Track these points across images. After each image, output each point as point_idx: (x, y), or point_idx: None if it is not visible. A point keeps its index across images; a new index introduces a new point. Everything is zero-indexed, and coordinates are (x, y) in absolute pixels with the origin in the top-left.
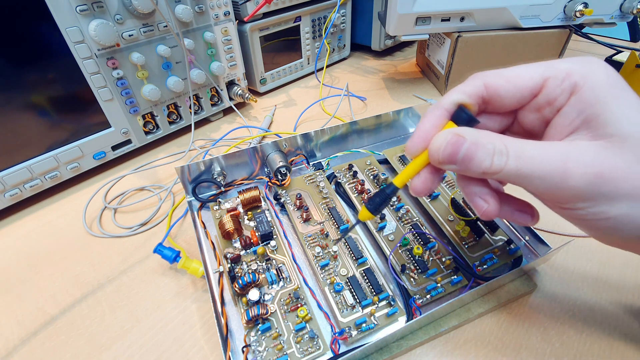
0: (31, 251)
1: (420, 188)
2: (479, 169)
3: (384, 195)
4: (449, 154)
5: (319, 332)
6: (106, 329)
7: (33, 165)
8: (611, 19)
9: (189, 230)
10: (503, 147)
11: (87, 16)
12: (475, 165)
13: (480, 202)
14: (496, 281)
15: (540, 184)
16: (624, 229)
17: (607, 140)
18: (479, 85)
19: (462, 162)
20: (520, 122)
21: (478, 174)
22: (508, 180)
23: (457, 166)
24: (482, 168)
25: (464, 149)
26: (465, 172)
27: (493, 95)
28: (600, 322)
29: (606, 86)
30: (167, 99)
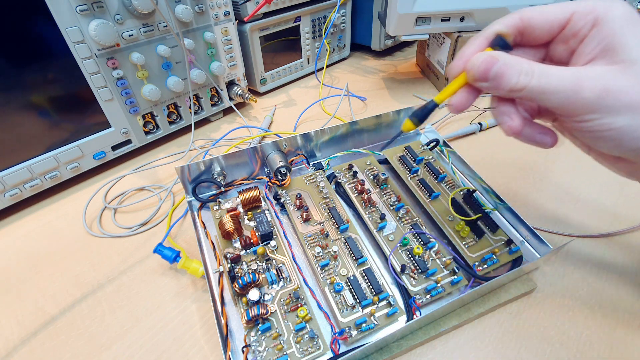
0: (31, 251)
1: (457, 104)
2: (507, 86)
3: (426, 110)
4: (483, 71)
5: (319, 332)
6: (106, 329)
7: (33, 165)
8: None
9: (189, 230)
10: (529, 68)
11: (87, 16)
12: (504, 82)
13: (506, 119)
14: (496, 281)
15: (557, 99)
16: (626, 140)
17: (618, 65)
18: (516, 17)
19: (493, 79)
20: (551, 55)
21: (506, 91)
22: (530, 95)
23: (488, 83)
24: (510, 85)
25: (496, 67)
26: (495, 89)
27: (527, 27)
28: (600, 322)
29: (623, 20)
30: (167, 99)
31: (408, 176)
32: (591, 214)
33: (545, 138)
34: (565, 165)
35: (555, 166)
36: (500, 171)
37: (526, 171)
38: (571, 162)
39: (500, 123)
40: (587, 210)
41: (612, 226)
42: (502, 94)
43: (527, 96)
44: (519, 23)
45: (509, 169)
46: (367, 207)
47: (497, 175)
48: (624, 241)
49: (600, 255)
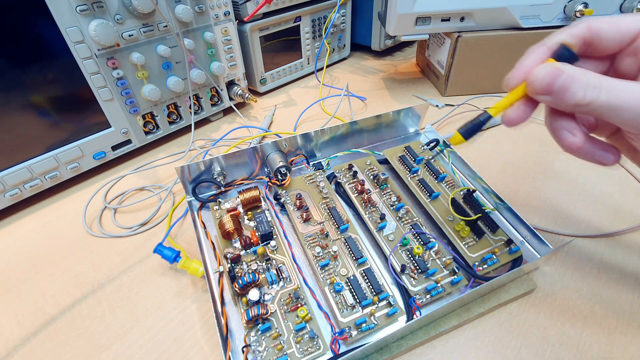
0: (31, 251)
1: (514, 117)
2: (572, 101)
3: (478, 123)
4: (547, 84)
5: (319, 332)
6: (106, 329)
7: (33, 165)
8: None
9: (189, 230)
10: (597, 81)
11: (87, 16)
12: (569, 96)
13: (566, 134)
14: (496, 281)
15: (628, 115)
16: None
17: None
18: (582, 27)
19: (557, 93)
20: (617, 67)
21: (570, 106)
22: (597, 111)
23: (551, 97)
24: (575, 99)
25: (560, 80)
26: (558, 103)
27: (595, 38)
28: (600, 322)
29: None
30: (167, 99)
31: (408, 176)
32: (591, 214)
33: (607, 155)
34: (566, 165)
35: (555, 166)
36: (500, 171)
37: (526, 171)
38: (571, 162)
39: (560, 139)
40: (587, 210)
41: (612, 226)
42: (565, 109)
43: (593, 112)
44: (586, 33)
45: (509, 169)
46: (367, 207)
47: (497, 175)
48: (624, 241)
49: (600, 255)
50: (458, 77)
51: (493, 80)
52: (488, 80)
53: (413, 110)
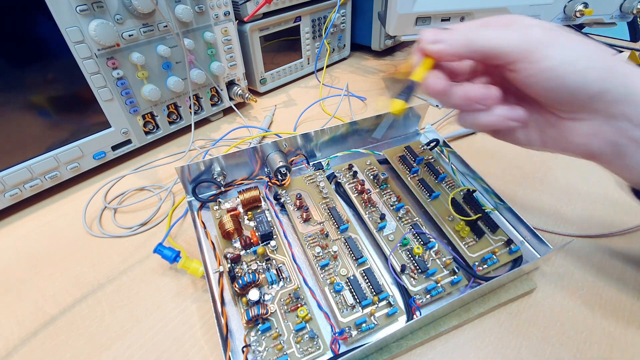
0: (31, 251)
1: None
2: (462, 36)
3: (410, 87)
4: (434, 34)
5: (319, 332)
6: (106, 329)
7: (33, 165)
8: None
9: (189, 230)
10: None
11: (87, 16)
12: (457, 34)
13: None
14: (496, 281)
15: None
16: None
17: None
18: None
19: (446, 37)
20: None
21: (460, 45)
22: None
23: (442, 44)
24: (465, 34)
25: (444, 30)
26: (451, 45)
27: None
28: (600, 322)
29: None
30: (167, 99)
31: (408, 176)
32: (591, 214)
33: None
34: (565, 165)
35: (555, 166)
36: (500, 171)
37: (526, 171)
38: (571, 162)
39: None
40: (587, 210)
41: (612, 226)
42: (456, 51)
43: (482, 43)
44: None
45: (509, 169)
46: (367, 207)
47: (497, 175)
48: (624, 241)
49: (600, 255)
50: None
51: None
52: None
53: (413, 110)
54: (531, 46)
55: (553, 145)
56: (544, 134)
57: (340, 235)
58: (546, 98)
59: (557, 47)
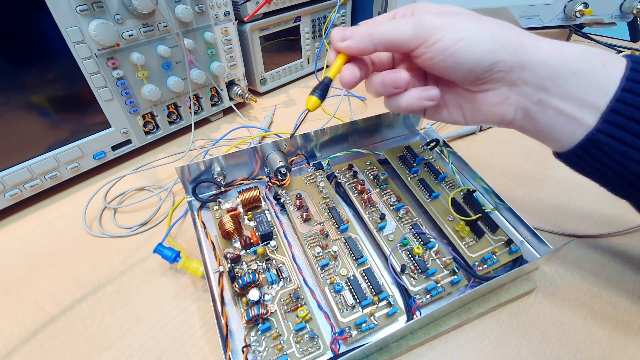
0: (31, 251)
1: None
2: (364, 32)
3: (326, 84)
4: (340, 32)
5: (319, 332)
6: (106, 329)
7: (33, 165)
8: (611, 19)
9: (189, 230)
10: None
11: (87, 16)
12: (360, 31)
13: (393, 74)
14: (496, 281)
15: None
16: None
17: None
18: None
19: (349, 34)
20: None
21: (365, 37)
22: (385, 36)
23: (349, 40)
24: (366, 31)
25: (349, 28)
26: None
27: None
28: (600, 322)
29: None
30: (167, 99)
31: (408, 176)
32: (591, 213)
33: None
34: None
35: (555, 166)
36: (500, 171)
37: (526, 171)
38: None
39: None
40: (587, 210)
41: (612, 226)
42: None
43: (383, 36)
44: None
45: (509, 169)
46: (367, 207)
47: (497, 175)
48: (624, 241)
49: (600, 255)
50: None
51: None
52: None
53: None
54: (424, 32)
55: (473, 118)
56: (463, 110)
57: (340, 235)
58: (450, 76)
59: (448, 29)
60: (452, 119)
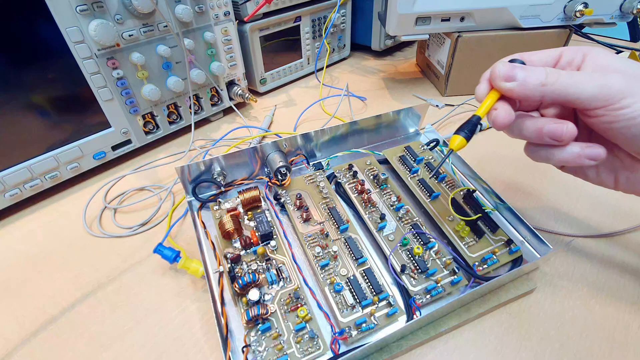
0: (31, 251)
1: (500, 116)
2: (537, 80)
3: (474, 123)
4: (508, 69)
5: (319, 332)
6: (106, 329)
7: (33, 165)
8: (611, 19)
9: (189, 230)
10: (552, 69)
11: (87, 16)
12: (533, 77)
13: (494, 112)
14: (496, 281)
15: (591, 89)
16: None
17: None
18: (517, 56)
19: (519, 76)
20: None
21: (537, 85)
22: (562, 89)
23: (516, 82)
24: (540, 79)
25: (518, 67)
26: (523, 85)
27: (528, 63)
28: (600, 322)
29: (604, 52)
30: (167, 99)
31: (408, 176)
32: (591, 213)
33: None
34: None
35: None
36: (500, 171)
37: (526, 171)
38: None
39: (490, 117)
40: (587, 210)
41: (613, 226)
42: (530, 92)
43: (558, 91)
44: (522, 59)
45: (509, 169)
46: (367, 207)
47: (497, 175)
48: (624, 241)
49: (600, 255)
50: (458, 77)
51: None
52: None
53: (413, 111)
54: (610, 96)
55: (627, 187)
56: (618, 176)
57: (340, 235)
58: (625, 144)
59: (638, 97)
60: (598, 180)
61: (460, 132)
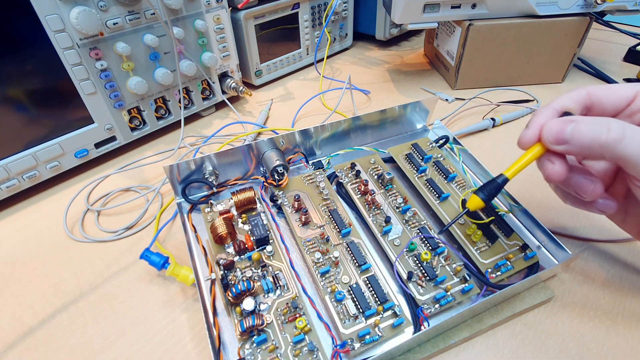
0: (8, 257)
1: (552, 172)
2: (594, 142)
3: (497, 186)
4: (557, 132)
5: (318, 345)
6: (89, 341)
7: (10, 164)
8: (635, 5)
9: (178, 235)
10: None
11: (69, 3)
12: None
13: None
14: (510, 289)
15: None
16: None
17: None
18: (583, 93)
19: (571, 138)
20: None
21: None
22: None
23: (567, 145)
24: (600, 139)
25: (570, 127)
26: (579, 148)
27: (595, 102)
28: (623, 333)
29: None
30: (155, 93)
31: (415, 176)
32: None
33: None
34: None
35: None
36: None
37: None
38: None
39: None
40: None
41: None
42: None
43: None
44: (586, 99)
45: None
46: (371, 210)
47: None
48: None
49: (623, 261)
50: (469, 69)
51: (507, 72)
52: (501, 72)
53: (421, 105)
54: None
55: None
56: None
57: (342, 240)
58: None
59: None
60: (623, 226)
61: (479, 194)
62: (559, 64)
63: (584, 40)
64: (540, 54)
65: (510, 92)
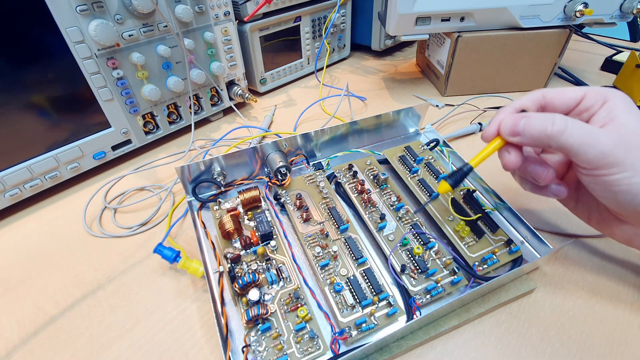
0: (31, 251)
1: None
2: (543, 132)
3: (462, 173)
4: (511, 126)
5: (319, 332)
6: (106, 329)
7: (33, 165)
8: (611, 19)
9: (189, 230)
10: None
11: (87, 16)
12: (535, 128)
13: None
14: (496, 281)
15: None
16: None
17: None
18: (538, 94)
19: (523, 131)
20: None
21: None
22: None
23: (520, 137)
24: (546, 131)
25: (523, 121)
26: (530, 138)
27: (548, 102)
28: (601, 321)
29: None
30: (167, 99)
31: (408, 176)
32: None
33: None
34: None
35: None
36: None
37: None
38: None
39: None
40: None
41: None
42: (539, 143)
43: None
44: (541, 99)
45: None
46: (367, 207)
47: (497, 175)
48: None
49: (600, 255)
50: (458, 77)
51: (493, 80)
52: (488, 80)
53: (413, 110)
54: (604, 164)
55: (597, 226)
56: (591, 215)
57: (340, 235)
58: (601, 199)
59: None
60: (575, 212)
61: (448, 180)
62: (541, 72)
63: (564, 50)
64: (523, 64)
65: (496, 99)
